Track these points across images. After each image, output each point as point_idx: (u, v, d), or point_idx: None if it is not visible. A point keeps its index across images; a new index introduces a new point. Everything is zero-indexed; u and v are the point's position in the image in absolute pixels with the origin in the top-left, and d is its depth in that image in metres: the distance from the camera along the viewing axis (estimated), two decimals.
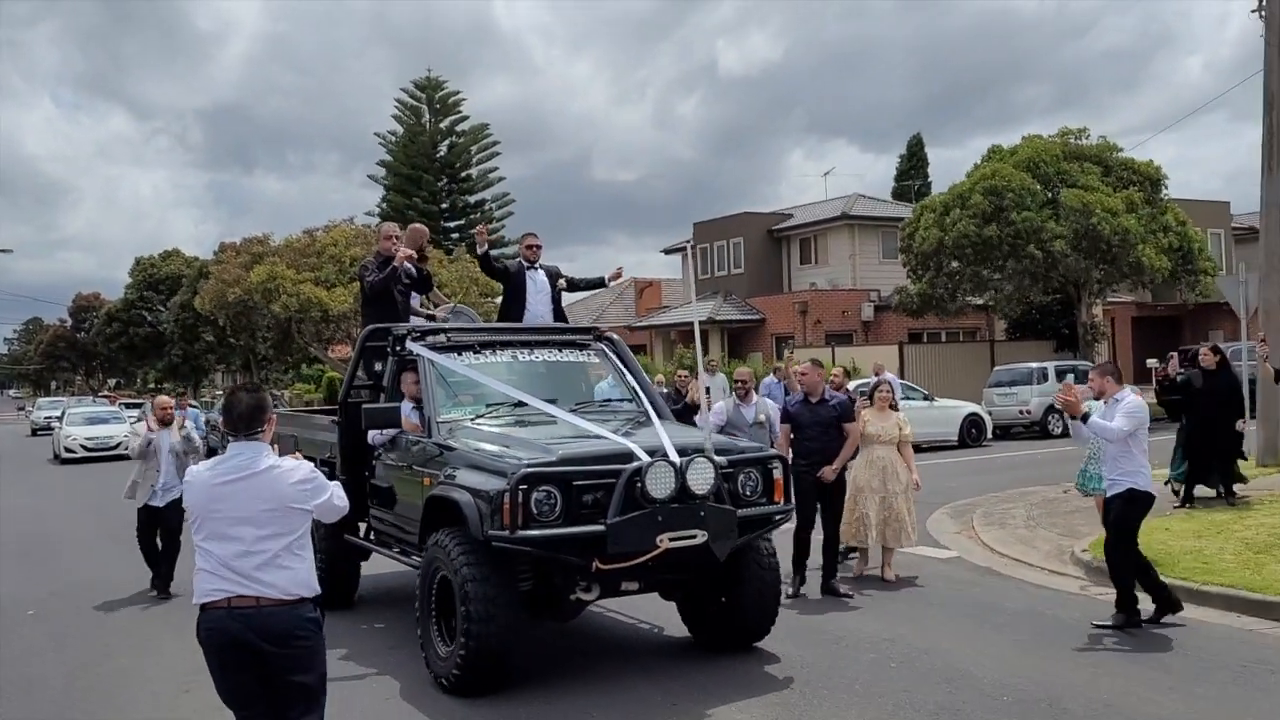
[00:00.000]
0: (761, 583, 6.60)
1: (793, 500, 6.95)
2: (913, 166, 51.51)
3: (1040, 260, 23.84)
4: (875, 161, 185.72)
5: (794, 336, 31.86)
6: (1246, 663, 5.21)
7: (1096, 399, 7.28)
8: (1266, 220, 12.79)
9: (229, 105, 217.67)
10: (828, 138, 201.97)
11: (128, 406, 34.74)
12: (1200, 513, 9.99)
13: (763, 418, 8.82)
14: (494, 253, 8.32)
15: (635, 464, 5.85)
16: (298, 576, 3.94)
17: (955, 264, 25.12)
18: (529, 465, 5.82)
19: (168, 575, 8.92)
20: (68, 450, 25.96)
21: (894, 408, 8.79)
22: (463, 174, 44.80)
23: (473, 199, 45.13)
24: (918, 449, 14.29)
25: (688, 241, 34.86)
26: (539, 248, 8.78)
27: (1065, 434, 20.52)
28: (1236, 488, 10.58)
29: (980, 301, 27.00)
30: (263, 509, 3.91)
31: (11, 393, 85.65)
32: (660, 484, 5.80)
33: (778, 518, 6.60)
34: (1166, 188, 25.73)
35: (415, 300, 8.89)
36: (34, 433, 38.45)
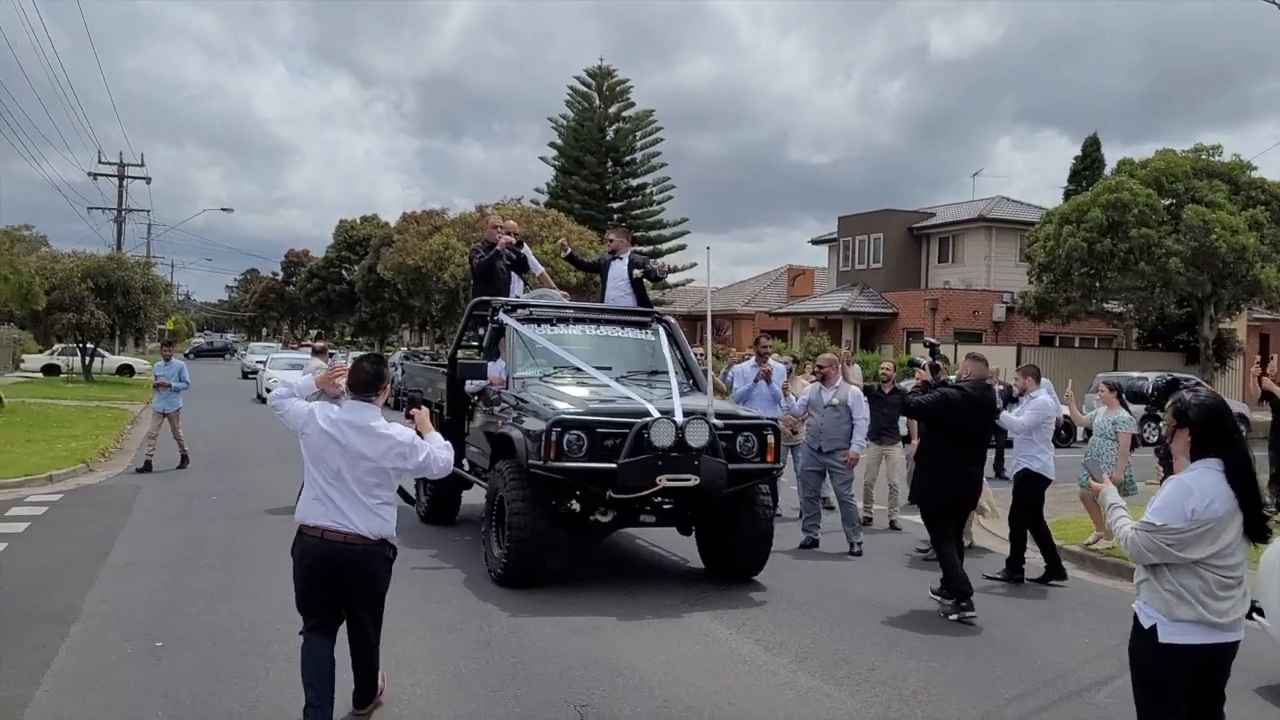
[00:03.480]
0: (755, 526, 8.14)
1: (782, 460, 8.57)
2: (1086, 168, 50.06)
3: (1151, 275, 23.80)
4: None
5: (923, 332, 32.46)
6: (1045, 597, 6.61)
7: (1020, 395, 8.68)
8: None
9: (444, 75, 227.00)
10: (1038, 127, 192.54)
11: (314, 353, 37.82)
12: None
13: (837, 401, 9.71)
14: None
15: (645, 419, 7.61)
16: (383, 525, 4.59)
17: (1071, 274, 25.24)
18: (563, 413, 7.68)
19: None
20: (268, 390, 29.19)
21: None
22: (626, 158, 46.64)
23: (635, 182, 46.85)
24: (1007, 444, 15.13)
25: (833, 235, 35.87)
26: (613, 243, 10.62)
27: (1142, 445, 20.85)
28: None
29: (1092, 309, 26.93)
30: (365, 462, 4.50)
31: (229, 337, 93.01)
32: (662, 436, 7.48)
33: (771, 473, 8.25)
34: None
35: (517, 284, 10.85)
36: (244, 375, 40.71)
